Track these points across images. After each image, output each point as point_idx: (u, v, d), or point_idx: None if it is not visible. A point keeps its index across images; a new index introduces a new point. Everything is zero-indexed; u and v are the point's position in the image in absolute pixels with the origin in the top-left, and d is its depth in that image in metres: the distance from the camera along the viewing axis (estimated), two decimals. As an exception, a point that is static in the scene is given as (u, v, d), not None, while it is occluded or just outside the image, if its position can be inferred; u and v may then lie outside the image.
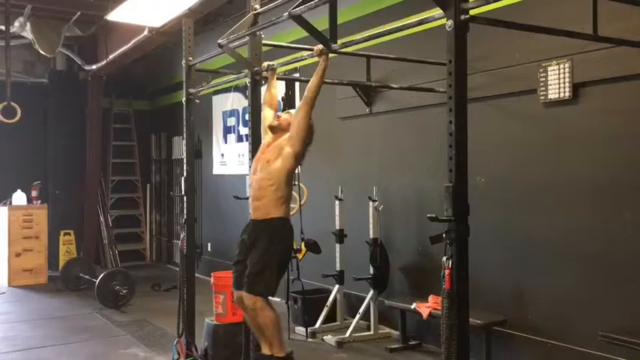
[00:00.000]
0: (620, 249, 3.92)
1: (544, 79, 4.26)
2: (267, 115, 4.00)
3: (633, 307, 3.85)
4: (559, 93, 4.18)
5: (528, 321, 4.46)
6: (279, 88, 4.19)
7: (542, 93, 4.29)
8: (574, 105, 4.15)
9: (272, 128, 3.85)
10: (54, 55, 8.53)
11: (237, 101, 8.12)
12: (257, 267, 3.65)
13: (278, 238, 3.71)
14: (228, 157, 8.41)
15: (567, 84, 4.12)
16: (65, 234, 9.29)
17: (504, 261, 4.65)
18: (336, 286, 5.78)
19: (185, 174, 4.79)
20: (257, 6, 3.96)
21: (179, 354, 4.67)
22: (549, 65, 4.22)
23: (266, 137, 3.92)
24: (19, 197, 8.86)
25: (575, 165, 4.18)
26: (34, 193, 9.02)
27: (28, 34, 7.84)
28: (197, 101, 4.81)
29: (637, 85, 3.81)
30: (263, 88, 4.13)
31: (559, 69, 4.16)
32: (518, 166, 4.60)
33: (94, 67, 8.84)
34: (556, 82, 4.19)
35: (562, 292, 4.26)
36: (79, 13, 7.62)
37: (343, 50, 3.60)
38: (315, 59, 3.63)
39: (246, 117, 4.17)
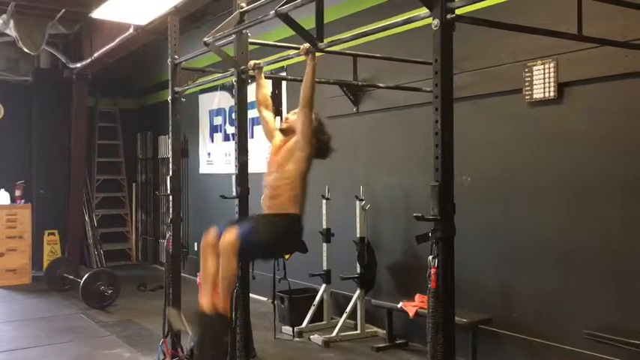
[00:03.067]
0: (605, 247, 3.96)
1: (529, 78, 4.29)
2: (268, 117, 3.96)
3: (618, 305, 3.89)
4: (544, 93, 4.21)
5: (514, 319, 4.49)
6: (267, 87, 4.17)
7: (527, 93, 4.31)
8: (559, 104, 4.18)
9: (283, 131, 3.83)
10: (38, 53, 8.44)
11: (223, 100, 8.09)
12: (255, 227, 3.56)
13: (288, 226, 3.64)
14: (215, 156, 8.37)
15: (552, 84, 4.15)
16: (49, 234, 9.21)
17: (490, 260, 4.68)
18: (323, 286, 5.78)
19: (171, 173, 4.76)
20: (243, 4, 3.94)
21: (165, 354, 4.64)
22: (534, 65, 4.25)
23: (275, 139, 3.87)
24: (2, 196, 8.77)
25: (560, 164, 4.21)
26: (17, 193, 8.92)
27: (11, 31, 7.74)
28: (183, 100, 4.78)
29: (621, 84, 3.85)
30: (249, 87, 4.11)
31: (544, 69, 4.19)
32: (503, 166, 4.63)
33: (78, 65, 8.75)
34: (541, 81, 4.22)
35: (547, 291, 4.29)
36: (63, 10, 7.53)
37: (330, 49, 3.59)
38: (302, 58, 3.62)
39: (233, 116, 4.14)
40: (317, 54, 3.54)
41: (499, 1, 4.43)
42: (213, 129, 8.39)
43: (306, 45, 3.45)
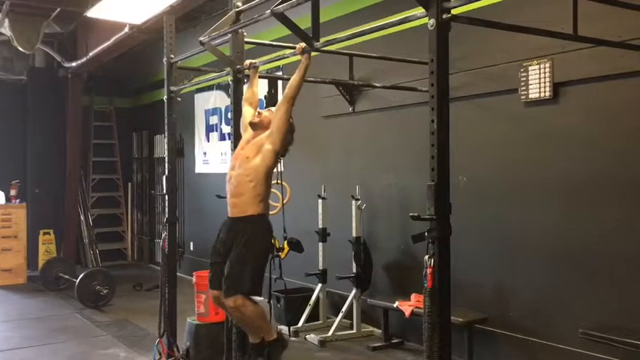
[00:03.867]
0: (601, 247, 3.97)
1: (525, 78, 4.30)
2: (247, 113, 3.97)
3: (612, 305, 3.90)
4: (540, 92, 4.22)
5: (509, 318, 4.50)
6: (260, 87, 4.17)
7: (522, 92, 4.32)
8: (554, 104, 4.19)
9: (252, 125, 3.83)
10: (33, 52, 8.42)
11: (219, 99, 8.08)
12: (237, 267, 3.62)
13: (256, 235, 3.68)
14: (211, 155, 8.36)
15: (548, 83, 4.16)
16: (45, 233, 9.18)
17: (485, 259, 4.69)
18: (319, 285, 5.78)
19: (167, 173, 4.75)
20: (239, 3, 3.94)
21: (160, 354, 4.63)
22: (530, 65, 4.26)
23: (245, 134, 3.90)
24: (-3, 196, 8.73)
25: (556, 164, 4.22)
26: (12, 192, 8.88)
27: (6, 30, 7.71)
28: (179, 99, 4.77)
29: (616, 84, 3.86)
30: (245, 87, 4.11)
31: (540, 68, 4.20)
32: (499, 165, 4.64)
33: (73, 64, 8.72)
34: (537, 81, 4.23)
35: (542, 290, 4.30)
36: (58, 9, 7.51)
37: (326, 48, 3.59)
38: (298, 57, 3.62)
39: (229, 115, 4.14)
40: (313, 53, 3.54)
41: (495, 0, 4.44)
42: (209, 128, 8.37)
43: (302, 44, 3.45)
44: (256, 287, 3.65)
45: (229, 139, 4.20)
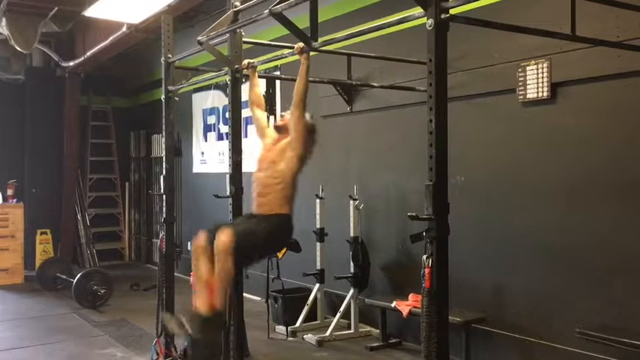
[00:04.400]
0: (598, 247, 3.98)
1: (523, 78, 4.30)
2: (260, 116, 3.95)
3: (610, 305, 3.91)
4: (537, 92, 4.22)
5: (507, 318, 4.50)
6: (260, 86, 4.16)
7: (520, 92, 4.33)
8: (552, 104, 4.19)
9: (277, 128, 3.82)
10: (30, 51, 8.39)
11: (217, 99, 8.07)
12: (248, 228, 3.56)
13: (278, 228, 3.65)
14: (209, 155, 8.35)
15: (545, 83, 4.17)
16: (42, 233, 9.16)
17: (483, 259, 4.69)
18: (317, 285, 5.78)
19: (164, 172, 4.75)
20: (237, 3, 3.93)
21: (158, 354, 4.63)
22: (528, 65, 4.26)
23: (266, 139, 3.86)
24: (-6, 196, 8.72)
25: (554, 163, 4.22)
26: (9, 192, 8.87)
27: (3, 29, 7.69)
28: (176, 99, 4.77)
29: (614, 84, 3.87)
30: (244, 86, 4.10)
31: (537, 69, 4.21)
32: (497, 165, 4.64)
33: (71, 63, 8.71)
34: (534, 81, 4.23)
35: (540, 290, 4.30)
36: (56, 8, 7.50)
37: (324, 48, 3.59)
38: (296, 57, 3.61)
39: (227, 115, 4.13)
40: (311, 53, 3.54)
41: (493, 1, 4.44)
42: (207, 128, 8.36)
43: (301, 44, 3.45)
44: (248, 255, 3.60)
45: (227, 138, 4.18)
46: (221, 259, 3.47)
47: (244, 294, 4.06)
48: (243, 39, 4.06)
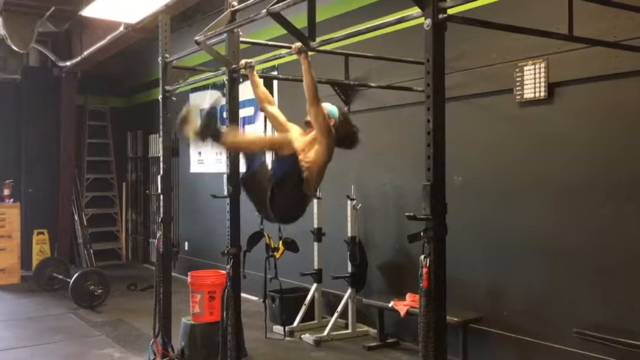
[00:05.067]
0: (594, 246, 3.98)
1: (520, 78, 4.31)
2: (274, 111, 3.89)
3: (608, 304, 3.91)
4: (535, 92, 4.22)
5: (504, 318, 4.50)
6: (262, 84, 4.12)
7: (518, 92, 4.33)
8: (549, 104, 4.20)
9: (307, 123, 3.76)
10: (27, 51, 8.36)
11: (214, 99, 8.05)
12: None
13: (301, 197, 3.56)
14: (206, 155, 8.34)
15: (543, 84, 4.17)
16: (39, 233, 9.14)
17: (480, 258, 4.70)
18: (314, 285, 5.78)
19: (162, 172, 4.74)
20: (235, 3, 3.92)
21: (155, 354, 4.62)
22: (525, 65, 4.27)
23: (291, 133, 3.77)
24: (-10, 196, 8.69)
25: (551, 164, 4.23)
26: (6, 192, 8.84)
27: (0, 29, 7.67)
28: (174, 98, 4.76)
29: (611, 84, 3.87)
30: (241, 86, 4.09)
31: (535, 69, 4.21)
32: (494, 165, 4.65)
33: (68, 63, 8.69)
34: (532, 81, 4.24)
35: (537, 290, 4.31)
36: (53, 8, 7.48)
37: (322, 48, 3.58)
38: (294, 57, 3.61)
39: (224, 115, 4.13)
40: (309, 53, 3.53)
41: (490, 1, 4.44)
42: (204, 128, 8.34)
43: (298, 44, 3.44)
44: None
45: (224, 138, 4.16)
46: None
47: (242, 294, 4.05)
48: (241, 39, 4.06)
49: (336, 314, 5.54)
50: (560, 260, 4.16)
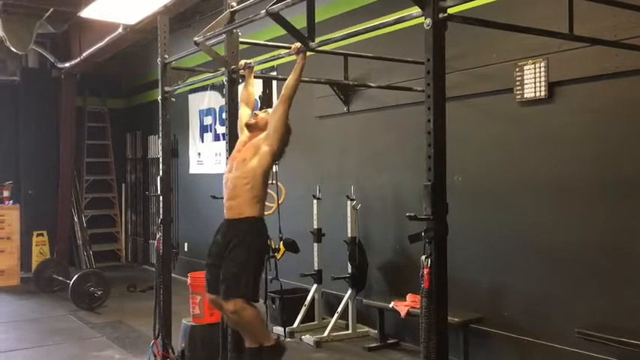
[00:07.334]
0: (596, 246, 3.97)
1: (520, 78, 4.30)
2: (244, 114, 3.96)
3: (608, 304, 3.91)
4: (535, 92, 4.22)
5: (504, 318, 4.49)
6: (255, 87, 4.16)
7: (518, 92, 4.32)
8: (550, 104, 4.19)
9: (249, 126, 3.81)
10: (26, 52, 8.37)
11: (213, 100, 8.05)
12: (233, 270, 3.58)
13: (252, 237, 3.64)
14: (205, 156, 8.33)
15: (543, 83, 4.16)
16: (38, 235, 9.13)
17: (481, 259, 4.69)
18: (315, 286, 5.77)
19: (161, 173, 4.73)
20: (234, 3, 3.92)
21: (155, 356, 4.61)
22: (525, 64, 4.26)
23: (242, 136, 3.87)
24: (-10, 197, 8.68)
25: (551, 163, 4.22)
26: (5, 193, 8.83)
27: (-2, 30, 7.67)
28: (173, 99, 4.75)
29: (611, 84, 3.87)
30: (240, 87, 4.09)
31: (535, 68, 4.20)
32: (494, 165, 4.64)
33: (67, 64, 8.68)
34: (532, 81, 4.23)
35: (538, 290, 4.30)
36: (51, 9, 7.47)
37: (321, 48, 3.58)
38: (293, 57, 3.60)
39: (223, 116, 4.12)
40: (308, 53, 3.53)
41: (491, 0, 4.43)
42: (204, 129, 8.34)
43: (298, 44, 3.44)
44: (254, 292, 3.61)
45: (224, 139, 4.17)
46: (241, 317, 3.55)
47: (242, 295, 4.04)
48: (240, 39, 4.05)
49: (336, 315, 5.53)
50: (561, 260, 4.15)
